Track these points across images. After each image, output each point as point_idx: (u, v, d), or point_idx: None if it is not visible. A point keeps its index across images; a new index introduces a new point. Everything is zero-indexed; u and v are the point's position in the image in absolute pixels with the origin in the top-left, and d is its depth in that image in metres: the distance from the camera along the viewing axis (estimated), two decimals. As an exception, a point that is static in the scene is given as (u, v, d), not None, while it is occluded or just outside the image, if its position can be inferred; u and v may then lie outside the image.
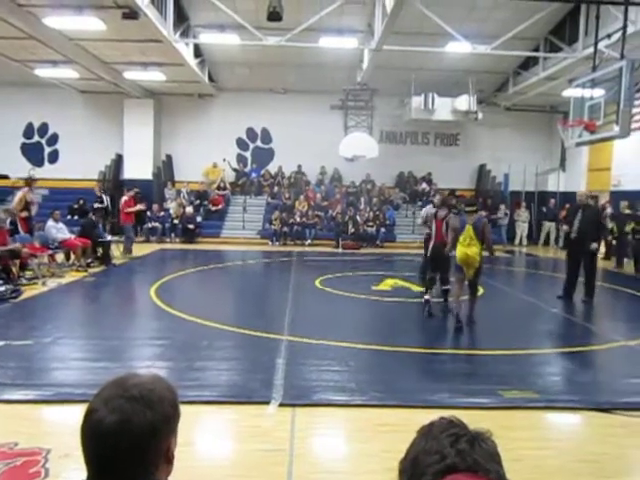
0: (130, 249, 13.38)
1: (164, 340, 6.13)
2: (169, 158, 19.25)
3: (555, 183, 19.20)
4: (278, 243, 16.97)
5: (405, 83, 16.01)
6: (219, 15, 12.23)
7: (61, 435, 3.60)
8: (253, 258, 14.27)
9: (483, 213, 9.26)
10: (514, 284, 11.93)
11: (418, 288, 9.56)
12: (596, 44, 10.35)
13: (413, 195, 18.86)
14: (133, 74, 15.93)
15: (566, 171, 19.07)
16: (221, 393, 4.53)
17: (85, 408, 1.08)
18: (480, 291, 7.58)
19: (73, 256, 11.24)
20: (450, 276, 7.87)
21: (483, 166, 19.53)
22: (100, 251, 11.90)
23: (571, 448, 3.87)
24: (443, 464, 0.84)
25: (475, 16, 12.51)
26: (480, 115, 16.21)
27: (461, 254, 6.84)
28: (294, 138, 18.59)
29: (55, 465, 3.27)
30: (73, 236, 11.33)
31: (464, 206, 7.62)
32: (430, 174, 19.22)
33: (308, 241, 17.07)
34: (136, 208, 13.95)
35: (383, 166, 18.42)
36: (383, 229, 17.33)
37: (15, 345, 5.67)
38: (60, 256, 11.24)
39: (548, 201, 18.39)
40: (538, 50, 14.07)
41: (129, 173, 18.40)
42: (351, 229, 16.95)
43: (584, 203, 9.02)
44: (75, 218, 15.83)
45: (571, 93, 11.40)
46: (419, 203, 17.75)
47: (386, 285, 10.06)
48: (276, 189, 18.55)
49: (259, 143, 19.54)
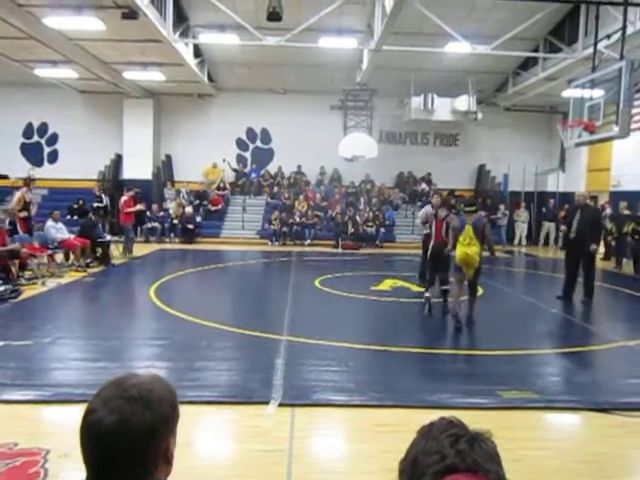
0: (131, 249, 13.40)
1: (163, 340, 6.13)
2: (169, 158, 19.25)
3: (555, 183, 19.22)
4: (277, 243, 16.97)
5: (405, 83, 16.01)
6: (219, 15, 12.23)
7: (60, 435, 3.59)
8: (252, 258, 14.27)
9: (482, 213, 9.26)
10: (513, 284, 11.94)
11: (417, 288, 9.57)
12: (595, 44, 10.36)
13: (413, 195, 18.86)
14: (133, 74, 15.93)
15: (566, 171, 19.08)
16: (220, 393, 4.53)
17: (84, 408, 1.08)
18: (479, 291, 7.58)
19: (72, 256, 11.24)
20: (450, 276, 7.87)
21: (483, 166, 19.54)
22: (99, 251, 11.90)
23: (570, 448, 3.87)
24: (443, 464, 0.84)
25: (474, 16, 12.51)
26: (480, 115, 16.20)
27: (461, 254, 6.85)
28: (294, 138, 18.59)
29: (54, 465, 3.26)
30: (72, 236, 11.33)
31: (464, 206, 7.64)
32: (430, 174, 19.23)
33: (308, 241, 17.07)
34: (136, 208, 13.95)
35: (383, 166, 18.42)
36: (382, 229, 17.34)
37: (14, 345, 5.67)
38: (59, 256, 11.23)
39: (547, 201, 18.39)
40: (538, 50, 14.08)
41: (129, 173, 18.40)
42: (350, 229, 16.96)
43: (583, 203, 9.02)
44: (74, 218, 15.82)
45: (571, 93, 11.40)
46: (418, 203, 17.74)
47: (385, 285, 10.06)
48: (276, 189, 18.55)
49: (259, 143, 19.54)
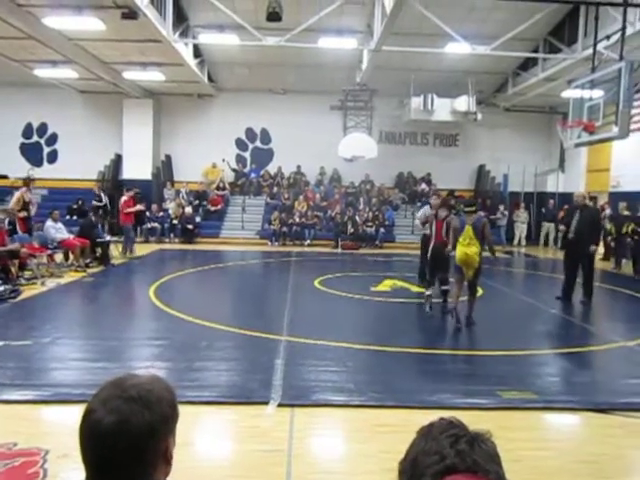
0: (132, 249, 13.40)
1: (163, 340, 6.12)
2: (168, 158, 19.24)
3: (554, 184, 19.22)
4: (277, 243, 16.97)
5: (404, 84, 16.01)
6: (218, 15, 12.23)
7: (60, 435, 3.59)
8: (252, 258, 14.27)
9: (482, 213, 9.26)
10: (513, 285, 11.94)
11: (417, 289, 9.58)
12: (595, 45, 10.36)
13: (412, 196, 18.87)
14: (132, 74, 15.93)
15: (565, 172, 19.09)
16: (220, 393, 4.53)
17: (84, 408, 1.07)
18: (479, 292, 7.58)
19: (72, 256, 11.23)
20: (449, 277, 7.88)
21: (482, 167, 19.55)
22: (99, 251, 11.89)
23: (570, 449, 3.87)
24: (442, 465, 0.84)
25: (474, 17, 12.52)
26: (479, 116, 16.21)
27: (461, 254, 6.86)
28: (293, 138, 18.59)
29: (54, 465, 3.26)
30: (72, 236, 11.33)
31: (463, 206, 7.64)
32: (429, 174, 19.23)
33: (307, 241, 17.06)
34: (135, 208, 13.95)
35: (382, 166, 18.42)
36: (382, 229, 17.33)
37: (14, 345, 5.66)
38: (59, 256, 11.22)
39: (547, 202, 18.40)
40: (537, 51, 14.08)
41: (128, 173, 18.39)
42: (350, 229, 16.96)
43: (582, 204, 9.01)
44: (74, 218, 15.83)
45: (570, 94, 11.40)
46: (418, 204, 17.76)
47: (385, 286, 10.06)
48: (275, 189, 18.55)
49: (258, 143, 19.54)
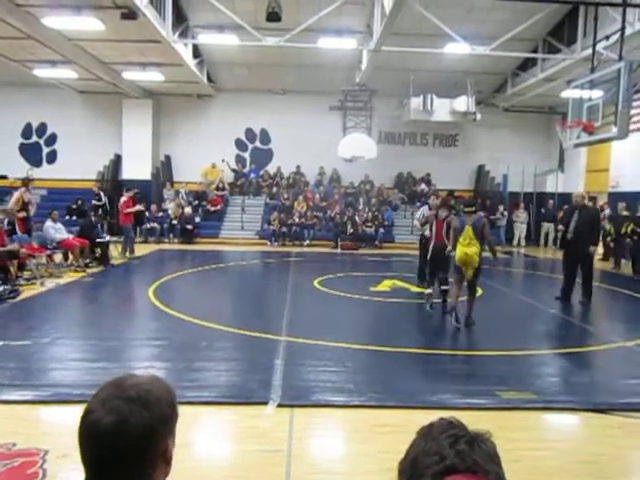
0: (132, 249, 13.39)
1: (162, 341, 6.12)
2: (168, 158, 19.24)
3: (554, 184, 19.23)
4: (277, 244, 16.96)
5: (404, 84, 16.01)
6: (218, 15, 12.23)
7: (59, 436, 3.59)
8: (252, 259, 14.27)
9: (482, 214, 9.27)
10: (512, 285, 11.94)
11: (416, 289, 9.59)
12: (594, 45, 10.37)
13: (412, 196, 18.87)
14: (132, 74, 15.93)
15: (564, 172, 19.10)
16: (219, 394, 4.53)
17: (83, 409, 1.07)
18: (479, 292, 7.58)
19: (71, 256, 11.23)
20: (449, 277, 7.88)
21: (482, 167, 19.56)
22: (98, 251, 11.88)
23: (569, 449, 3.87)
24: (442, 465, 0.84)
25: (474, 17, 12.52)
26: (479, 116, 16.21)
27: (460, 254, 6.88)
28: (293, 139, 18.59)
29: (53, 466, 3.26)
30: (71, 236, 11.32)
31: (463, 207, 7.65)
32: (429, 175, 19.24)
33: (307, 242, 17.05)
34: (135, 209, 13.94)
35: (382, 167, 18.43)
36: (382, 230, 17.33)
37: (13, 345, 5.66)
38: (58, 256, 11.22)
39: (546, 202, 18.40)
40: (537, 51, 14.09)
41: (128, 173, 18.39)
42: (350, 230, 16.96)
43: (581, 204, 9.01)
44: (73, 218, 15.83)
45: (570, 94, 11.40)
46: (418, 204, 17.76)
47: (384, 286, 10.06)
48: (275, 190, 18.55)
49: (258, 144, 19.54)
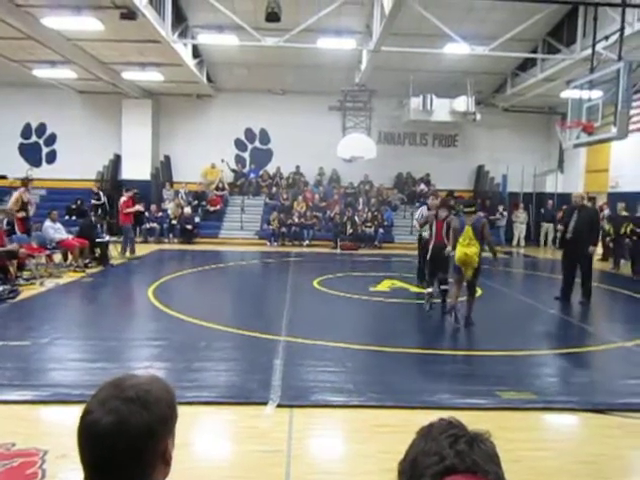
0: (133, 249, 13.39)
1: (162, 341, 6.12)
2: (167, 159, 19.24)
3: (553, 184, 19.25)
4: (276, 244, 16.96)
5: (403, 84, 16.02)
6: (217, 16, 12.23)
7: (58, 436, 3.59)
8: (251, 259, 14.26)
9: (481, 214, 9.27)
10: (512, 285, 11.93)
11: (416, 289, 9.59)
12: (594, 46, 10.38)
13: (411, 196, 18.88)
14: (131, 74, 15.93)
15: (564, 172, 19.11)
16: (219, 394, 4.52)
17: (82, 409, 1.07)
18: (478, 292, 7.58)
19: (71, 256, 11.22)
20: (449, 277, 7.88)
21: (481, 167, 19.56)
22: (98, 251, 11.87)
23: (569, 449, 3.87)
24: (442, 465, 0.84)
25: (473, 17, 12.53)
26: (478, 116, 16.22)
27: (460, 254, 6.88)
28: (292, 139, 18.59)
29: (52, 466, 3.25)
30: (71, 236, 11.32)
31: (463, 207, 7.65)
32: (428, 175, 19.25)
33: (306, 242, 17.05)
34: (134, 209, 13.94)
35: (381, 167, 18.43)
36: (381, 230, 17.34)
37: (12, 345, 5.65)
38: (58, 256, 11.21)
39: (546, 202, 18.41)
40: (536, 51, 14.10)
41: (127, 174, 18.39)
42: (349, 230, 16.96)
43: (580, 204, 9.01)
44: (73, 218, 15.82)
45: (569, 94, 11.40)
46: (417, 204, 17.76)
47: (384, 286, 10.06)
48: (274, 190, 18.55)
49: (257, 144, 19.54)
